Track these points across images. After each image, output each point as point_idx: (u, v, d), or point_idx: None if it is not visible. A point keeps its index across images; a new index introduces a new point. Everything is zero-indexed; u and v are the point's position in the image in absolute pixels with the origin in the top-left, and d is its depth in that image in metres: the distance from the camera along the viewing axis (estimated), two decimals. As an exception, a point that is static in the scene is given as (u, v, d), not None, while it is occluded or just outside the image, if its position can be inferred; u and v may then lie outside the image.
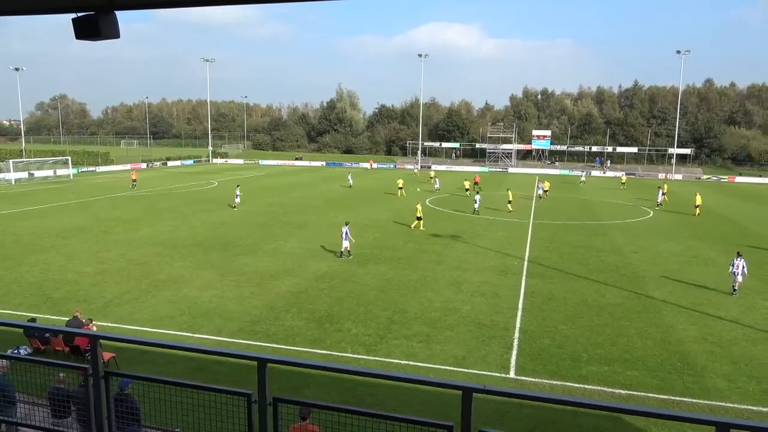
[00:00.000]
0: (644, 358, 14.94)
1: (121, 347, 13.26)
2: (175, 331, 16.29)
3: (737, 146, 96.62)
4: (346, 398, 12.00)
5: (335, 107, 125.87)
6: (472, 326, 17.00)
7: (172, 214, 37.24)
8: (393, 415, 3.72)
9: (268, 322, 17.06)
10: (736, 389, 13.25)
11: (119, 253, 25.64)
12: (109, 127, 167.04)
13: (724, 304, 19.61)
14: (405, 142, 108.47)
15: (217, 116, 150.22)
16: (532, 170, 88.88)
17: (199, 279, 21.57)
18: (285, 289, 20.39)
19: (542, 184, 52.52)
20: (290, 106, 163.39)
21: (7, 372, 7.38)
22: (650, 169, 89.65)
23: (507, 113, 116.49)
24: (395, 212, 39.74)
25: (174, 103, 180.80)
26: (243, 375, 9.02)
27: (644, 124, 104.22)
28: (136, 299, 19.10)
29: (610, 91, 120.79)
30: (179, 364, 13.45)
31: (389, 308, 18.50)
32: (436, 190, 54.41)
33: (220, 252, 26.09)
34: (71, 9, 5.18)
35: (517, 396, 3.95)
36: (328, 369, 4.29)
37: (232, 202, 40.55)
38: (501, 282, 21.93)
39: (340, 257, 25.03)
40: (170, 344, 5.96)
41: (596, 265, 25.00)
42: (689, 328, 17.17)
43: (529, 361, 14.65)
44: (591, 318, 17.96)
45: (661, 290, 21.25)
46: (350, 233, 25.33)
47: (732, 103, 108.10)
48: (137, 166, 78.87)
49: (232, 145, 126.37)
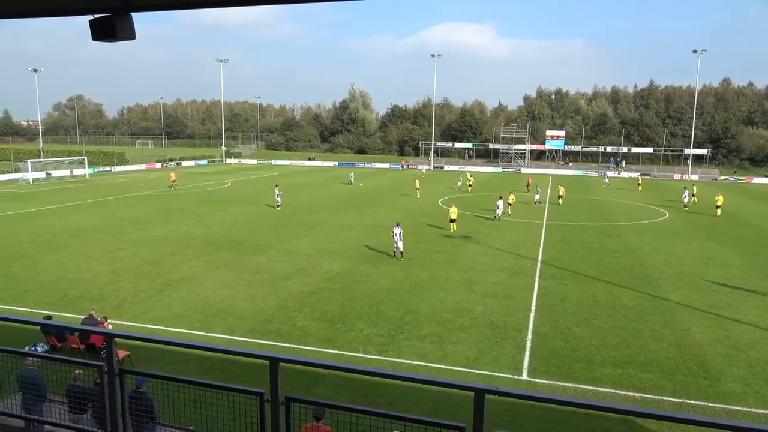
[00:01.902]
0: (659, 360, 14.78)
1: (135, 345, 13.39)
2: (189, 330, 16.42)
3: (755, 147, 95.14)
4: (358, 398, 12.01)
5: (348, 107, 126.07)
6: (485, 327, 16.94)
7: (185, 213, 37.55)
8: (405, 415, 3.72)
9: (281, 322, 17.14)
10: (753, 393, 13.05)
11: (133, 252, 25.91)
12: (124, 127, 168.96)
13: (740, 307, 19.33)
14: (418, 142, 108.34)
15: (231, 116, 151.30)
16: (546, 171, 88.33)
17: (212, 278, 21.73)
18: (297, 289, 20.47)
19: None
20: (303, 106, 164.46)
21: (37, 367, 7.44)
22: (666, 170, 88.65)
23: (520, 113, 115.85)
24: (407, 213, 39.71)
25: (188, 103, 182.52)
26: (255, 374, 9.06)
27: (660, 125, 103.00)
28: (150, 298, 19.29)
29: (625, 90, 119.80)
30: (193, 362, 13.56)
31: (401, 309, 18.49)
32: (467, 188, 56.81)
33: (232, 252, 26.27)
34: (88, 11, 5.26)
35: (529, 398, 3.93)
36: (339, 369, 4.30)
37: (273, 203, 40.60)
38: (514, 283, 21.82)
39: (398, 257, 24.90)
40: (184, 343, 6.01)
41: (610, 267, 24.78)
42: (705, 331, 16.96)
43: (541, 362, 14.55)
44: (605, 320, 17.80)
45: (677, 292, 21.00)
46: (402, 234, 25.11)
47: (750, 102, 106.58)
48: (152, 166, 79.59)
49: (245, 146, 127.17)
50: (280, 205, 40.02)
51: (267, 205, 41.39)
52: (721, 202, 40.48)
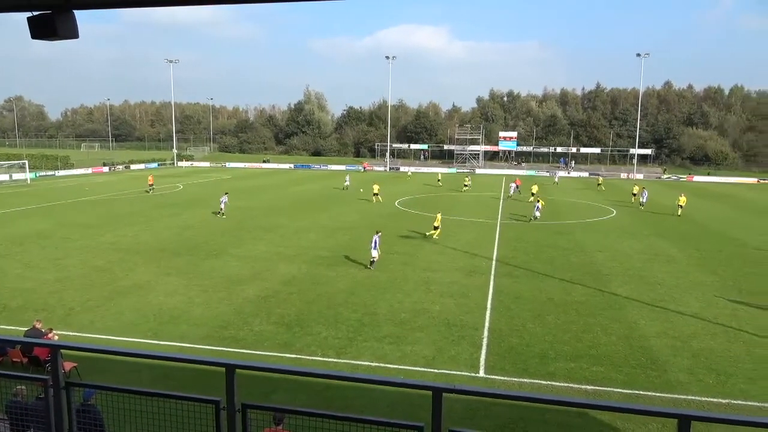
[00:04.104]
0: (609, 353, 15.29)
1: (83, 357, 12.86)
2: (140, 338, 15.90)
3: (695, 146, 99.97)
4: (316, 402, 11.92)
5: (303, 109, 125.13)
6: (442, 326, 17.11)
7: (136, 218, 36.38)
8: (363, 417, 3.71)
9: (237, 327, 16.82)
10: (697, 382, 13.67)
11: (80, 259, 24.91)
12: (68, 129, 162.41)
13: (684, 300, 20.23)
14: (374, 143, 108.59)
15: (182, 118, 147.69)
16: (500, 171, 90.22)
17: (164, 285, 21.12)
18: (253, 294, 20.14)
19: (514, 184, 54.84)
20: (257, 107, 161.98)
21: None
22: (613, 170, 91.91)
23: (474, 115, 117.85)
24: (364, 214, 39.73)
25: (137, 104, 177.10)
26: (211, 382, 8.86)
27: (606, 126, 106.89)
28: (98, 307, 18.57)
29: (573, 93, 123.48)
30: (144, 372, 13.14)
31: (359, 310, 18.47)
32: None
33: (186, 257, 25.61)
34: (26, 7, 5.01)
35: (486, 395, 3.99)
36: (297, 373, 4.25)
37: (217, 210, 38.42)
38: (470, 282, 22.14)
39: (369, 267, 23.81)
40: (135, 352, 5.82)
41: (562, 264, 25.48)
42: (651, 324, 17.66)
43: (497, 359, 14.82)
44: (557, 315, 18.29)
45: (625, 287, 21.79)
46: (380, 243, 24.08)
47: (690, 104, 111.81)
48: (99, 169, 76.74)
49: (198, 148, 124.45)
50: (224, 213, 37.33)
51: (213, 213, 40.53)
52: (683, 202, 41.82)
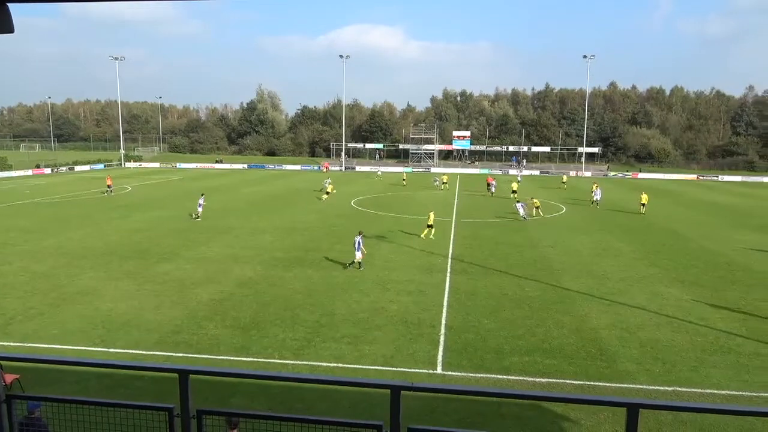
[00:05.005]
0: (561, 346, 15.73)
1: (26, 368, 12.25)
2: (88, 346, 15.29)
3: (639, 145, 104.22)
4: (275, 405, 11.77)
5: (256, 108, 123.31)
6: (400, 325, 17.20)
7: (82, 221, 34.97)
8: (321, 418, 3.68)
9: (190, 332, 16.41)
10: (645, 371, 14.23)
11: (21, 266, 23.75)
12: (5, 129, 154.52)
13: (630, 293, 21.03)
14: (329, 143, 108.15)
15: (129, 118, 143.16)
16: (454, 170, 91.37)
17: (113, 290, 20.39)
18: (207, 297, 19.70)
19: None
20: (209, 107, 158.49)
21: None
22: (562, 167, 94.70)
23: (428, 114, 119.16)
24: (320, 214, 39.49)
25: (81, 103, 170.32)
26: (165, 389, 8.62)
27: (556, 125, 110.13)
28: (41, 315, 17.75)
29: (524, 93, 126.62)
30: (92, 381, 12.63)
31: (317, 311, 18.34)
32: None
33: (136, 260, 24.80)
34: (-45, 0, 4.73)
35: (443, 391, 4.04)
36: (253, 377, 4.18)
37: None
38: (427, 280, 22.34)
39: (347, 267, 23.59)
40: (82, 361, 5.61)
41: (516, 260, 26.04)
42: (601, 316, 18.27)
43: (454, 356, 15.01)
44: (512, 311, 18.68)
45: (575, 281, 22.47)
46: (363, 243, 23.78)
47: (634, 104, 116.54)
48: (40, 171, 73.38)
49: (146, 148, 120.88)
50: (199, 216, 36.08)
51: (168, 213, 39.46)
52: (645, 201, 43.11)
